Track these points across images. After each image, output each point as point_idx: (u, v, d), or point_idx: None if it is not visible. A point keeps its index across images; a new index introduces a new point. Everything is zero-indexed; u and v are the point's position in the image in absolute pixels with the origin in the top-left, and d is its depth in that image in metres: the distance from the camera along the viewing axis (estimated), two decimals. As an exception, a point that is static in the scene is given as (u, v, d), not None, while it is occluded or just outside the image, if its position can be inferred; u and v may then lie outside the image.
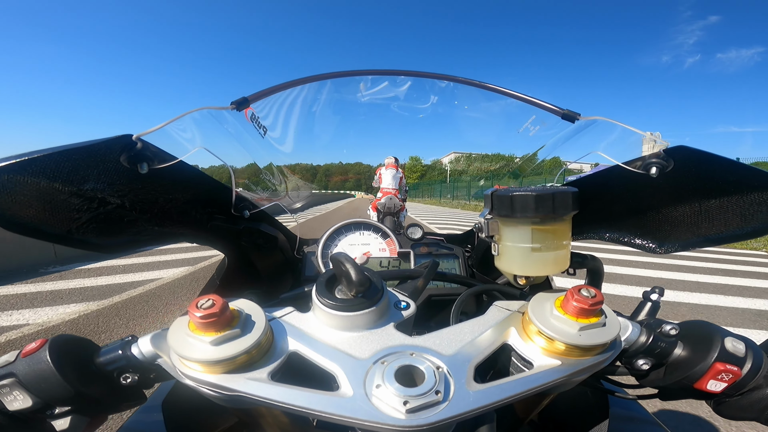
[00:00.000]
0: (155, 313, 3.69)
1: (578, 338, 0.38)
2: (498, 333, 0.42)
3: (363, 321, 0.41)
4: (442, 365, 0.37)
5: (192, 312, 0.36)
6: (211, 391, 0.36)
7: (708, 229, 0.57)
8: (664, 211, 0.60)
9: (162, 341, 0.43)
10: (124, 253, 0.60)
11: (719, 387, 0.42)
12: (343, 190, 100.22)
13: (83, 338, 0.45)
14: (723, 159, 0.50)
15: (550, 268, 0.51)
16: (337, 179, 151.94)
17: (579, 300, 0.39)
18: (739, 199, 0.52)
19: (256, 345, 0.37)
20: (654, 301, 0.51)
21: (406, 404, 0.32)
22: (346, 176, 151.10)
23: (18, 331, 3.22)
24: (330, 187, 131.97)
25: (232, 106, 0.65)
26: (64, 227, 0.51)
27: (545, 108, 0.70)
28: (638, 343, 0.46)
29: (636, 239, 0.65)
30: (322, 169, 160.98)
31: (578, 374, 0.39)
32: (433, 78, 0.81)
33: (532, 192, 0.47)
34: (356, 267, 0.41)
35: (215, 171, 0.74)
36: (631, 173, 0.55)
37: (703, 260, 6.15)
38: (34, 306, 3.85)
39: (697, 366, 0.42)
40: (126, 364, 0.43)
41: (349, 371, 0.36)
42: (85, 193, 0.51)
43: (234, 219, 0.75)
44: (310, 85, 0.77)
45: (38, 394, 0.39)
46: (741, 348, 0.42)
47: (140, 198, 0.58)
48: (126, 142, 0.50)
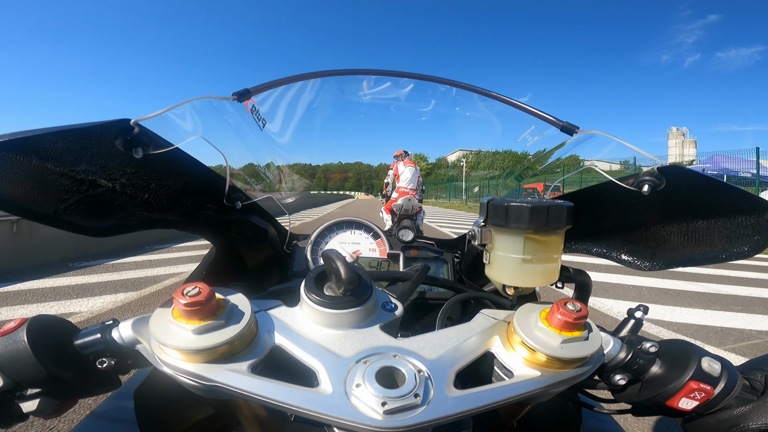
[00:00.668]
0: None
1: (560, 350, 0.39)
2: (482, 340, 0.43)
3: (349, 319, 0.41)
4: (424, 369, 0.37)
5: (177, 299, 0.35)
6: (189, 380, 0.35)
7: (693, 250, 0.57)
8: (652, 229, 0.61)
9: (143, 327, 0.43)
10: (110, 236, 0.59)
11: (690, 405, 0.43)
12: (342, 190, 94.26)
13: (63, 319, 0.45)
14: (715, 181, 0.51)
15: (540, 280, 0.51)
16: (336, 179, 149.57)
17: (564, 313, 0.39)
18: (726, 221, 0.53)
19: (239, 336, 0.36)
20: (637, 319, 0.52)
21: (384, 405, 0.32)
22: (346, 175, 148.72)
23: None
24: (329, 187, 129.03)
25: (234, 97, 0.65)
26: (51, 207, 0.51)
27: (545, 119, 0.70)
28: (617, 359, 0.46)
29: (623, 255, 0.66)
30: (321, 168, 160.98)
31: (557, 386, 0.39)
32: (435, 82, 0.81)
33: (527, 204, 0.47)
34: (347, 265, 0.41)
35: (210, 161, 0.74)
36: (624, 190, 0.56)
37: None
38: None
39: (672, 383, 0.43)
40: (104, 348, 0.43)
41: (330, 368, 0.36)
42: (76, 174, 0.51)
43: (225, 209, 0.75)
44: (312, 81, 0.77)
45: (10, 374, 0.39)
46: (717, 368, 0.43)
47: (132, 182, 0.57)
48: (123, 126, 0.50)
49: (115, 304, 3.82)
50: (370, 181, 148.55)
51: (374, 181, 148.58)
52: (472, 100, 0.81)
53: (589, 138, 0.66)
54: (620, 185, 0.56)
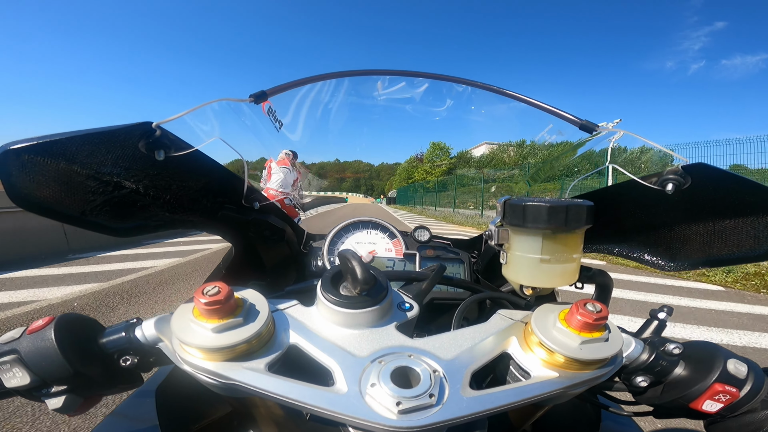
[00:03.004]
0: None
1: (579, 352, 0.38)
2: (498, 341, 0.42)
3: (365, 319, 0.41)
4: (439, 369, 0.37)
5: (197, 298, 0.36)
6: (208, 378, 0.36)
7: (720, 249, 0.55)
8: (676, 228, 0.59)
9: (165, 325, 0.44)
10: (134, 236, 0.61)
11: (715, 407, 0.42)
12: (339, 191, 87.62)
13: (89, 318, 0.46)
14: (742, 179, 0.49)
15: (558, 281, 0.50)
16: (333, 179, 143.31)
17: (583, 314, 0.39)
18: (754, 220, 0.51)
19: (257, 335, 0.37)
20: (661, 320, 0.51)
21: (398, 405, 0.32)
22: (344, 175, 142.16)
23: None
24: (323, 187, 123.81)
25: (251, 99, 0.66)
26: (78, 208, 0.52)
27: (563, 117, 0.69)
28: (639, 360, 0.45)
29: (646, 255, 0.64)
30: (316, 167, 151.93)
31: (575, 387, 0.39)
32: (450, 81, 0.81)
33: (545, 203, 0.47)
34: (363, 265, 0.41)
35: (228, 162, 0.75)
36: (646, 189, 0.54)
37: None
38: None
39: (696, 386, 0.42)
40: (128, 346, 0.44)
41: (345, 368, 0.37)
42: (102, 176, 0.52)
43: (244, 210, 0.76)
44: (327, 82, 0.78)
45: (38, 372, 0.40)
46: (743, 370, 0.42)
47: (154, 184, 0.59)
48: (146, 128, 0.52)
49: (73, 295, 3.89)
50: (369, 182, 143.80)
51: (374, 182, 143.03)
52: (488, 99, 0.80)
53: (609, 136, 0.64)
54: (643, 184, 0.55)
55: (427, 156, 64.47)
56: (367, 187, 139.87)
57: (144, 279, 4.64)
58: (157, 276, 4.81)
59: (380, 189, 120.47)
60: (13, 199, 0.47)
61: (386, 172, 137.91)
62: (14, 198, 0.47)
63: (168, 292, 4.16)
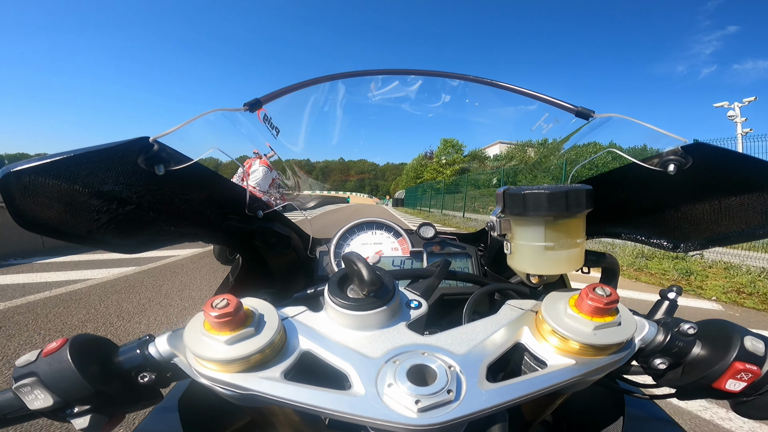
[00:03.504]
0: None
1: (593, 337, 0.38)
2: (511, 332, 0.42)
3: (375, 320, 0.41)
4: (454, 364, 0.37)
5: (207, 311, 0.36)
6: (226, 389, 0.36)
7: (728, 227, 0.55)
8: (682, 209, 0.59)
9: (178, 341, 0.44)
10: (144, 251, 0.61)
11: (738, 387, 0.41)
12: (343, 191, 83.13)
13: (102, 337, 0.46)
14: (743, 155, 0.48)
15: (564, 267, 0.50)
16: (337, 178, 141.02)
17: (593, 299, 0.38)
18: (760, 196, 0.51)
19: (270, 344, 0.37)
20: (671, 300, 0.50)
21: (418, 403, 0.32)
22: (348, 175, 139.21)
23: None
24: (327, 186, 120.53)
25: (245, 108, 0.66)
26: (84, 228, 0.53)
27: (559, 106, 0.69)
28: (655, 343, 0.45)
29: (653, 238, 0.64)
30: (320, 166, 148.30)
31: (593, 374, 0.39)
32: (444, 77, 0.80)
33: (545, 190, 0.46)
34: (368, 266, 0.41)
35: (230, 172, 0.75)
36: (648, 171, 0.54)
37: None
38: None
39: (716, 365, 0.42)
40: (143, 363, 0.44)
41: (361, 370, 0.37)
42: (105, 194, 0.52)
43: (248, 219, 0.77)
44: (321, 86, 0.78)
45: (59, 393, 0.40)
46: (761, 347, 0.41)
47: (157, 199, 0.59)
48: (143, 144, 0.52)
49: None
50: (374, 182, 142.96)
51: (379, 182, 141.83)
52: (482, 92, 0.79)
53: (605, 122, 0.64)
54: (644, 166, 0.54)
55: (437, 153, 59.22)
56: (372, 187, 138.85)
57: (67, 297, 3.82)
58: (89, 291, 4.00)
59: (385, 189, 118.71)
60: (19, 222, 0.47)
61: (391, 173, 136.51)
62: (19, 220, 0.47)
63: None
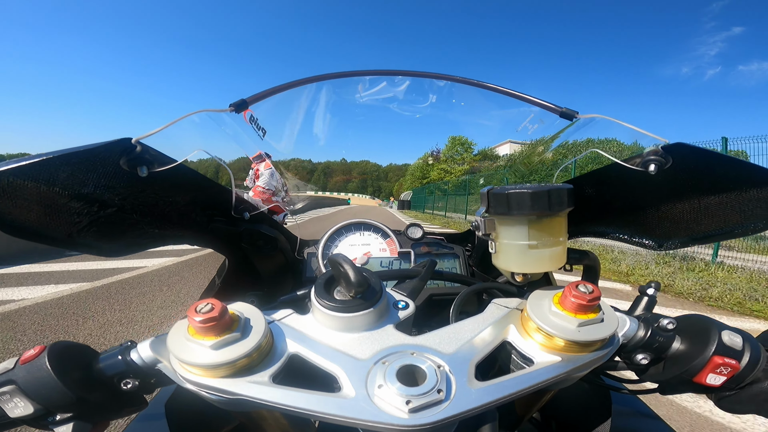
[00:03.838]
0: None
1: (577, 334, 0.39)
2: (497, 331, 0.43)
3: (362, 322, 0.41)
4: (443, 364, 0.37)
5: (191, 316, 0.36)
6: (213, 395, 0.36)
7: (707, 226, 0.56)
8: (663, 208, 0.60)
9: (161, 346, 0.43)
10: (127, 254, 0.60)
11: (718, 381, 0.42)
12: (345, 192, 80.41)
13: (81, 344, 0.45)
14: (721, 156, 0.50)
15: (547, 265, 0.51)
16: (339, 179, 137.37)
17: (577, 296, 0.39)
18: (738, 195, 0.52)
19: (257, 348, 0.37)
20: (650, 296, 0.52)
21: (408, 404, 0.33)
22: (350, 176, 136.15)
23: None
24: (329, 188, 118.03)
25: (231, 109, 0.65)
26: (65, 231, 0.51)
27: (543, 106, 0.69)
28: (636, 338, 0.46)
29: (635, 237, 0.65)
30: (321, 166, 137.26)
31: (578, 370, 0.39)
32: (431, 78, 0.81)
33: (527, 189, 0.47)
34: (354, 268, 0.41)
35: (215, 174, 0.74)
36: (630, 170, 0.55)
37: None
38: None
39: (696, 360, 0.43)
40: (126, 369, 0.43)
41: (350, 372, 0.37)
42: (86, 196, 0.51)
43: (234, 221, 0.76)
44: (308, 86, 0.77)
45: (39, 401, 0.39)
46: (738, 341, 0.42)
47: (140, 201, 0.58)
48: (125, 145, 0.51)
49: None
50: (377, 183, 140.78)
51: (382, 183, 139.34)
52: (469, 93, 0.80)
53: (589, 122, 0.65)
54: (626, 166, 0.56)
55: (445, 152, 56.29)
56: (375, 188, 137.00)
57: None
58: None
59: (388, 190, 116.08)
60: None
61: (394, 173, 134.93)
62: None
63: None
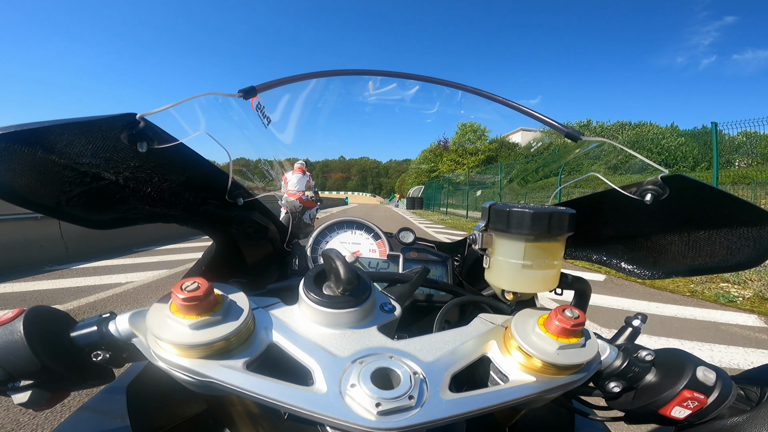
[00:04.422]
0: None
1: (555, 357, 0.39)
2: (479, 344, 0.43)
3: (347, 319, 0.41)
4: (419, 371, 0.37)
5: (175, 293, 0.35)
6: (183, 375, 0.36)
7: (694, 259, 0.57)
8: (653, 238, 0.61)
9: (140, 320, 0.42)
10: (111, 228, 0.59)
11: (683, 414, 0.42)
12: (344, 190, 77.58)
13: (61, 311, 0.45)
14: (718, 191, 0.50)
15: (539, 286, 0.51)
16: (338, 177, 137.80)
17: (561, 320, 0.39)
18: (727, 231, 0.52)
19: (235, 333, 0.37)
20: (635, 327, 0.52)
21: (378, 406, 0.33)
22: (349, 173, 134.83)
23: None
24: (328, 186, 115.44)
25: (240, 94, 0.65)
26: (54, 199, 0.51)
27: (550, 125, 0.70)
28: (613, 366, 0.46)
29: (623, 264, 0.65)
30: (320, 165, 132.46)
31: (551, 392, 0.39)
32: (442, 85, 0.81)
33: (529, 210, 0.47)
34: (346, 265, 0.41)
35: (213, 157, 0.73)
36: (626, 198, 0.56)
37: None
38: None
39: (665, 392, 0.43)
40: (99, 340, 0.43)
41: (325, 367, 0.36)
42: (80, 166, 0.51)
43: (227, 205, 0.75)
44: (318, 80, 0.77)
45: (4, 365, 0.38)
46: (711, 377, 0.42)
47: (135, 176, 0.57)
48: (129, 120, 0.50)
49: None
50: (377, 180, 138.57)
51: (382, 180, 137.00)
52: (477, 103, 0.80)
53: (593, 145, 0.66)
54: (623, 193, 0.56)
55: (455, 141, 49.50)
56: (375, 185, 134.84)
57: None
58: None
59: (389, 187, 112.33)
60: None
61: (395, 170, 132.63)
62: None
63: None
